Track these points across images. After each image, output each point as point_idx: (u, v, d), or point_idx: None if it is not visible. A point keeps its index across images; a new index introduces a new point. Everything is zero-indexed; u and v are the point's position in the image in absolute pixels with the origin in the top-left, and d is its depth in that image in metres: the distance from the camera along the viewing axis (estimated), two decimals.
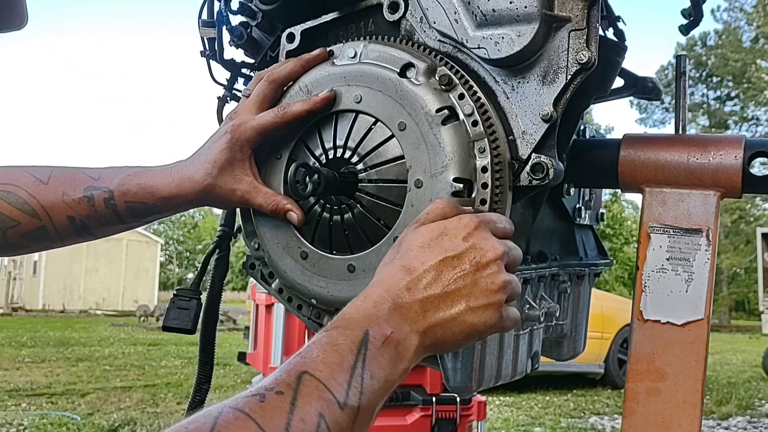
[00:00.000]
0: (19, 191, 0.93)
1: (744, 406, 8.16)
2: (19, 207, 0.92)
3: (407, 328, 0.69)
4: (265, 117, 0.93)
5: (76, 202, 0.93)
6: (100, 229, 0.96)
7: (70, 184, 0.94)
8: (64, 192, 0.93)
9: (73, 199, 0.93)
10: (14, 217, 0.92)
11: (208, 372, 1.16)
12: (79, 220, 0.94)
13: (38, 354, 11.79)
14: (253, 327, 4.47)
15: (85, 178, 0.94)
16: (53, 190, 0.93)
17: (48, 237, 0.94)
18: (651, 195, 0.98)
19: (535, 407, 7.87)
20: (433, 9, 0.91)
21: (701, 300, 0.93)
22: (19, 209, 0.92)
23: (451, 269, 0.73)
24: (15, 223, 0.92)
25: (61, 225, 0.94)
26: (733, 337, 21.87)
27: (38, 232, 0.93)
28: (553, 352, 1.27)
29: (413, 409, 3.77)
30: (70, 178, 0.94)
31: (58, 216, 0.93)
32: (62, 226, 0.94)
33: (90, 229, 0.95)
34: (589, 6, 0.83)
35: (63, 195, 0.93)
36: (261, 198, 0.92)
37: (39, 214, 0.92)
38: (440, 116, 0.84)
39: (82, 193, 0.93)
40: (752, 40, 33.44)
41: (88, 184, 0.94)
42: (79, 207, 0.93)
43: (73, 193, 0.93)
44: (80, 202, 0.93)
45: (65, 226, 0.94)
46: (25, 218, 0.92)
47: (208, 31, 1.13)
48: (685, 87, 1.04)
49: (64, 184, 0.94)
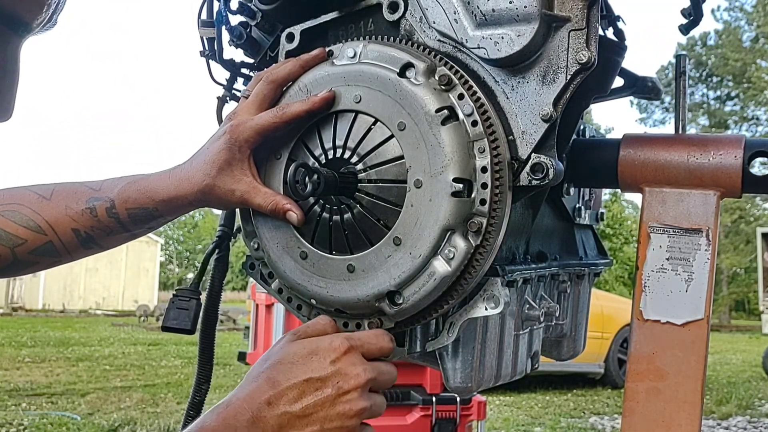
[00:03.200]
0: (23, 209, 0.94)
1: (744, 406, 8.16)
2: (25, 225, 0.93)
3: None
4: (264, 117, 0.93)
5: (79, 215, 0.94)
6: (105, 240, 0.97)
7: (72, 197, 0.95)
8: (66, 206, 0.94)
9: (76, 211, 0.94)
10: (20, 235, 0.93)
11: (207, 372, 1.16)
12: (83, 231, 0.95)
13: (38, 354, 11.80)
14: (253, 327, 4.47)
15: (87, 190, 0.96)
16: (56, 205, 0.94)
17: (55, 252, 0.95)
18: (651, 195, 0.98)
19: (535, 407, 7.88)
20: (432, 9, 0.91)
21: (701, 300, 0.93)
22: (25, 227, 0.93)
23: (313, 391, 0.77)
24: (22, 240, 0.93)
25: (67, 238, 0.95)
26: (733, 337, 21.87)
27: (45, 248, 0.94)
28: (553, 352, 1.27)
29: (413, 408, 3.77)
30: (72, 191, 0.96)
31: (62, 230, 0.94)
32: (68, 239, 0.95)
33: (95, 240, 0.96)
34: (588, 6, 0.83)
35: (66, 209, 0.94)
36: (260, 198, 0.92)
37: (44, 230, 0.94)
38: (440, 116, 0.84)
39: (85, 205, 0.94)
40: (752, 40, 33.44)
41: (89, 195, 0.95)
42: (82, 219, 0.94)
43: (76, 205, 0.94)
44: (83, 213, 0.94)
45: (71, 239, 0.95)
46: (31, 235, 0.94)
47: (207, 31, 1.12)
48: (685, 87, 1.04)
49: (66, 198, 0.95)
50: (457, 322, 0.91)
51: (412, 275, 0.85)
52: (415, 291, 0.86)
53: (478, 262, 0.85)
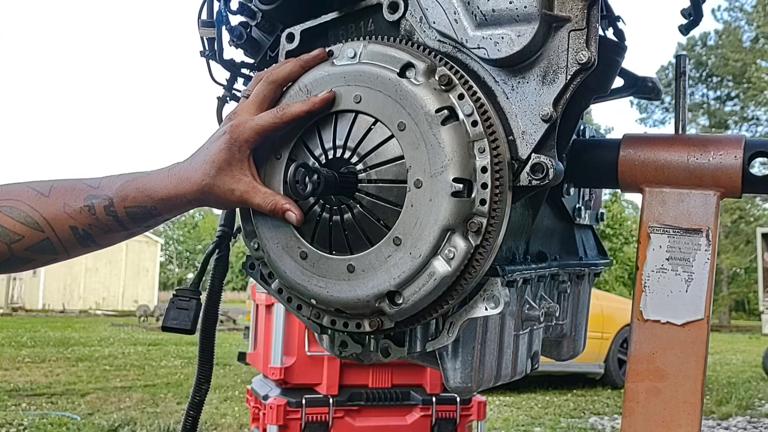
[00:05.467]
0: (21, 205, 0.94)
1: (744, 406, 8.16)
2: (22, 221, 0.93)
3: None
4: (264, 117, 0.93)
5: (77, 212, 0.94)
6: (103, 238, 0.96)
7: (70, 194, 0.95)
8: (65, 203, 0.94)
9: (74, 209, 0.94)
10: (17, 230, 0.93)
11: (207, 372, 1.16)
12: (81, 229, 0.94)
13: (38, 354, 11.79)
14: (253, 327, 4.47)
15: (85, 187, 0.95)
16: (54, 201, 0.94)
17: (53, 249, 0.95)
18: (651, 195, 0.98)
19: (535, 407, 7.87)
20: (432, 9, 0.91)
21: (701, 300, 0.93)
22: (22, 223, 0.93)
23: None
24: (19, 236, 0.93)
25: (64, 235, 0.94)
26: (733, 337, 21.87)
27: (42, 245, 0.94)
28: (553, 352, 1.27)
29: (413, 409, 3.77)
30: (71, 189, 0.95)
31: (60, 227, 0.94)
32: (65, 236, 0.95)
33: (93, 237, 0.96)
34: (588, 6, 0.83)
35: (64, 206, 0.94)
36: (260, 198, 0.92)
37: (42, 226, 0.94)
38: (440, 116, 0.84)
39: (83, 203, 0.94)
40: (752, 40, 33.43)
41: (88, 193, 0.95)
42: (80, 216, 0.94)
43: (74, 203, 0.94)
44: (81, 211, 0.94)
45: (68, 236, 0.95)
46: (29, 231, 0.93)
47: (207, 31, 1.12)
48: (685, 87, 1.04)
49: (64, 196, 0.95)
50: (457, 322, 0.91)
51: (412, 275, 0.85)
52: (415, 291, 0.86)
53: (478, 262, 0.85)
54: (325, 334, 1.06)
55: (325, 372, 3.71)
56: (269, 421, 3.57)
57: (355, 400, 3.70)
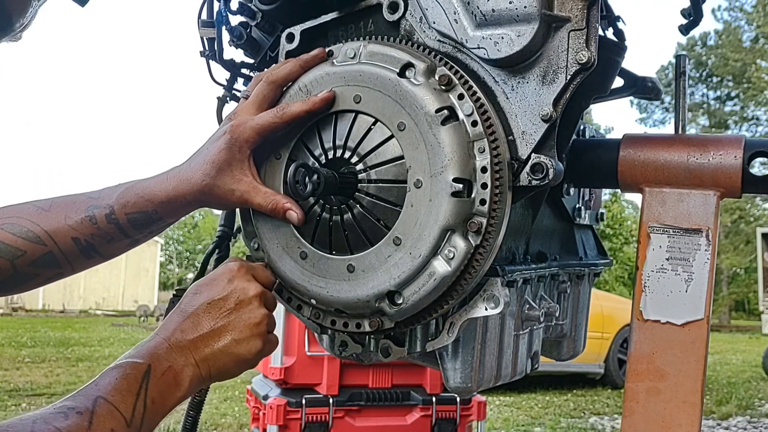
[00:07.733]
0: (21, 221, 0.94)
1: (744, 406, 8.16)
2: (23, 236, 0.93)
3: (182, 361, 0.83)
4: (264, 117, 0.93)
5: (78, 223, 0.94)
6: (106, 247, 0.96)
7: (71, 207, 0.95)
8: (66, 215, 0.94)
9: (76, 220, 0.94)
10: (19, 246, 0.93)
11: None
12: (83, 240, 0.94)
13: (38, 354, 11.79)
14: None
15: (86, 199, 0.95)
16: (55, 215, 0.94)
17: (56, 263, 0.95)
18: (651, 195, 0.98)
19: (535, 407, 7.87)
20: (432, 9, 0.91)
21: (701, 300, 0.93)
22: (24, 238, 0.93)
23: (217, 309, 0.86)
24: (21, 252, 0.93)
25: (67, 248, 0.94)
26: (733, 337, 21.86)
27: (45, 259, 0.94)
28: (553, 352, 1.27)
29: (413, 409, 3.77)
30: (71, 202, 0.96)
31: (62, 239, 0.94)
32: (68, 248, 0.94)
33: (96, 248, 0.95)
34: (588, 6, 0.83)
35: (65, 218, 0.94)
36: (260, 198, 0.92)
37: (44, 240, 0.93)
38: (440, 116, 0.84)
39: (84, 214, 0.94)
40: (752, 40, 33.42)
41: (89, 204, 0.95)
42: (82, 227, 0.94)
43: (75, 214, 0.94)
44: (83, 222, 0.94)
45: (71, 248, 0.94)
46: (30, 246, 0.93)
47: (207, 31, 1.13)
48: (685, 87, 1.04)
49: (65, 209, 0.95)
50: (457, 322, 0.91)
51: (412, 275, 0.85)
52: (415, 291, 0.86)
53: (478, 262, 0.85)
54: (325, 334, 1.06)
55: (325, 372, 3.71)
56: (269, 421, 3.57)
57: (355, 400, 3.70)
